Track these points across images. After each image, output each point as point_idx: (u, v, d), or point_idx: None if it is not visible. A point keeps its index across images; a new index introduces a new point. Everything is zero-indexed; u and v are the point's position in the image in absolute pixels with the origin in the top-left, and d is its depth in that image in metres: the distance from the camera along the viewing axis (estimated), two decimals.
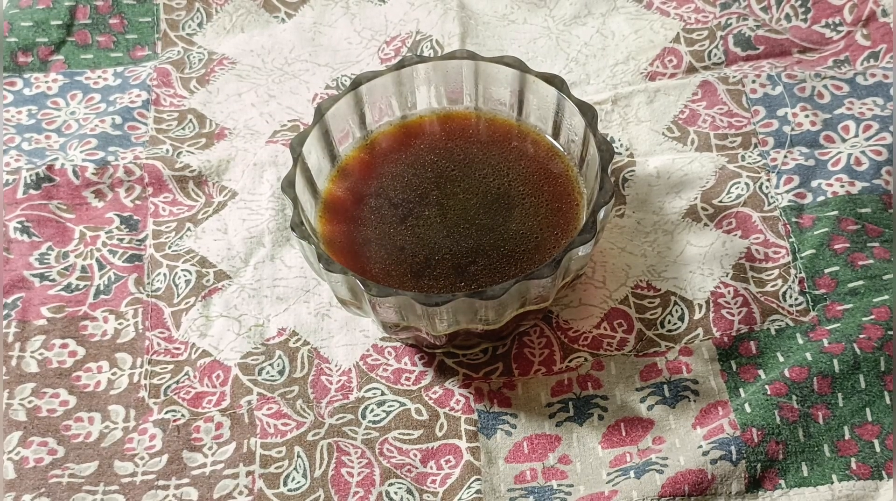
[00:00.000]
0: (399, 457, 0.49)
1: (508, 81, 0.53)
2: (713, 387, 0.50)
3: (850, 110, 0.59)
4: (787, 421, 0.47)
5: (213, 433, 0.50)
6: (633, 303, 0.53)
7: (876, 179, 0.56)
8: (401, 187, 0.52)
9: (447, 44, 0.64)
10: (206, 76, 0.64)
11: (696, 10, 0.65)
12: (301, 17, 0.67)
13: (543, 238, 0.50)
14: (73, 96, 0.63)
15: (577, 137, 0.52)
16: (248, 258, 0.56)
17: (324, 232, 0.51)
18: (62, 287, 0.55)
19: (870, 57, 0.62)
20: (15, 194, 0.58)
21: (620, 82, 0.62)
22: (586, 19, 0.66)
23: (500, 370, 0.52)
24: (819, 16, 0.64)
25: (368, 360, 0.52)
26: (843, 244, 0.54)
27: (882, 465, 0.47)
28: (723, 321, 0.52)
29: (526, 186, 0.52)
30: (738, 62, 0.63)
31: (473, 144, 0.54)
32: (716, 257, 0.54)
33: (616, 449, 0.49)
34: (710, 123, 0.60)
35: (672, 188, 0.57)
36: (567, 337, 0.52)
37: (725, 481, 0.46)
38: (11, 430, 0.50)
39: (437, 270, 0.49)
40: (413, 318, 0.47)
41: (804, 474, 0.47)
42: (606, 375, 0.51)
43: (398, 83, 0.54)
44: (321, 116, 0.51)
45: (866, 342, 0.49)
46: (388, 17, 0.67)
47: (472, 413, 0.50)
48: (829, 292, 0.53)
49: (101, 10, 0.66)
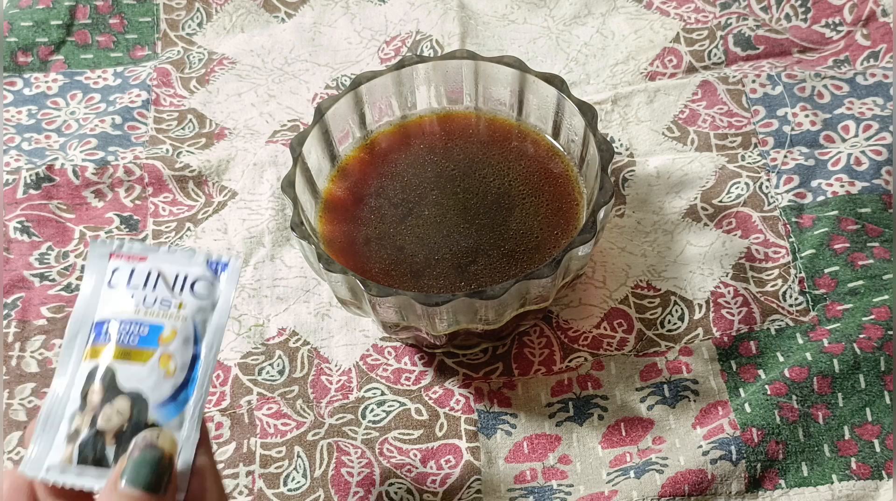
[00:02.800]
0: (399, 457, 0.49)
1: (508, 81, 0.53)
2: (713, 387, 0.50)
3: (850, 110, 0.59)
4: (787, 421, 0.47)
5: (213, 433, 0.50)
6: (633, 303, 0.53)
7: (876, 179, 0.56)
8: (401, 187, 0.52)
9: (447, 44, 0.64)
10: (206, 76, 0.64)
11: (696, 10, 0.65)
12: (301, 17, 0.67)
13: (543, 238, 0.50)
14: (73, 96, 0.63)
15: (577, 137, 0.52)
16: (248, 258, 0.56)
17: (324, 232, 0.51)
18: (62, 287, 0.55)
19: (870, 57, 0.62)
20: (15, 194, 0.58)
21: (620, 82, 0.62)
22: (586, 19, 0.66)
23: (500, 370, 0.52)
24: (819, 16, 0.64)
25: (368, 360, 0.52)
26: (843, 244, 0.54)
27: (882, 465, 0.47)
28: (723, 321, 0.52)
29: (526, 186, 0.52)
30: (738, 62, 0.63)
31: (473, 144, 0.54)
32: (716, 256, 0.54)
33: (616, 449, 0.49)
34: (710, 123, 0.60)
35: (672, 188, 0.57)
36: (567, 337, 0.52)
37: (725, 481, 0.46)
38: (11, 430, 0.50)
39: (437, 270, 0.49)
40: (413, 318, 0.47)
41: (804, 474, 0.47)
42: (606, 375, 0.51)
43: (398, 83, 0.54)
44: (321, 116, 0.51)
45: (866, 342, 0.49)
46: (388, 17, 0.67)
47: (472, 413, 0.50)
48: (829, 292, 0.53)
49: (101, 10, 0.66)
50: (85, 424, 0.37)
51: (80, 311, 0.39)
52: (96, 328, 0.39)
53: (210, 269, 0.40)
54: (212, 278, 0.40)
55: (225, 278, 0.40)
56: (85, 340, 0.39)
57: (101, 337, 0.38)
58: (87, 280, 0.40)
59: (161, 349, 0.38)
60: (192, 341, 0.39)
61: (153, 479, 0.35)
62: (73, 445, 0.37)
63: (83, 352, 0.38)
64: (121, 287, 0.39)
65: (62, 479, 0.37)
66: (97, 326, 0.39)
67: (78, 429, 0.37)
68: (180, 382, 0.38)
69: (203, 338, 0.39)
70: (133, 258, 0.40)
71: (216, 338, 0.39)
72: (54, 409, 0.38)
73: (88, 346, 0.38)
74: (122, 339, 0.38)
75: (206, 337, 0.39)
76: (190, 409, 0.38)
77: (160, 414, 0.38)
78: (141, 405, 0.38)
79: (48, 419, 0.37)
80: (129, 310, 0.39)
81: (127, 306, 0.39)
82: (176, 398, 0.38)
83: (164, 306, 0.39)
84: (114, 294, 0.39)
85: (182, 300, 0.39)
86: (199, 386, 0.38)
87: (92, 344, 0.38)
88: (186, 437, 0.37)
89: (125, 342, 0.38)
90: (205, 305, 0.39)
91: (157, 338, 0.38)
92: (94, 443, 0.37)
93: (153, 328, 0.39)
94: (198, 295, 0.39)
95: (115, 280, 0.39)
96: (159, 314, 0.39)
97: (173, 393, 0.38)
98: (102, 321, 0.39)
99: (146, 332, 0.38)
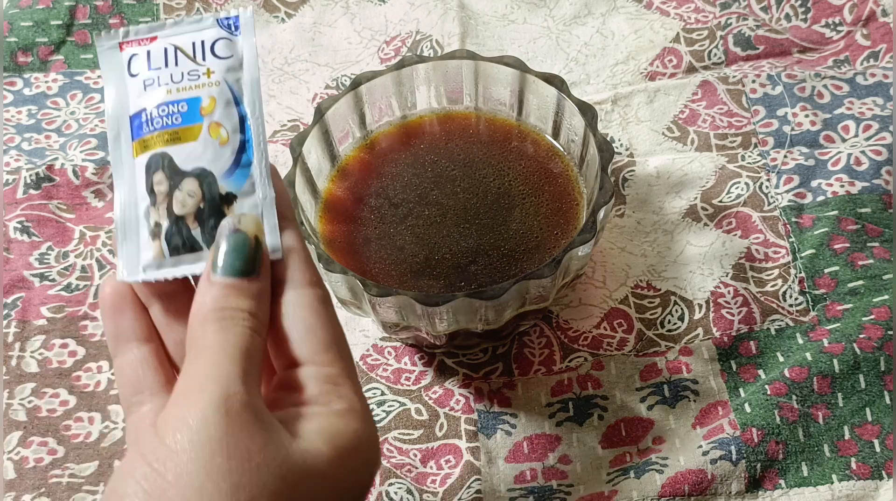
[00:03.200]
0: (399, 457, 0.49)
1: (508, 81, 0.53)
2: (713, 387, 0.50)
3: (850, 110, 0.59)
4: (787, 421, 0.47)
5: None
6: (633, 303, 0.53)
7: (876, 179, 0.56)
8: (401, 187, 0.52)
9: (447, 44, 0.64)
10: None
11: (696, 10, 0.65)
12: (301, 17, 0.67)
13: (543, 238, 0.50)
14: (73, 96, 0.63)
15: (577, 137, 0.52)
16: None
17: (324, 232, 0.51)
18: (62, 287, 0.55)
19: (870, 57, 0.62)
20: (15, 194, 0.58)
21: (620, 82, 0.62)
22: (586, 19, 0.66)
23: (500, 370, 0.52)
24: (819, 16, 0.64)
25: (368, 360, 0.52)
26: (843, 244, 0.54)
27: (882, 465, 0.47)
28: (723, 321, 0.52)
29: (526, 186, 0.52)
30: (738, 62, 0.63)
31: (473, 144, 0.54)
32: (716, 256, 0.54)
33: (616, 449, 0.49)
34: (710, 123, 0.60)
35: (672, 188, 0.57)
36: (567, 337, 0.52)
37: (725, 481, 0.46)
38: (11, 430, 0.50)
39: (437, 270, 0.49)
40: (413, 318, 0.47)
41: (804, 474, 0.47)
42: (606, 375, 0.51)
43: (398, 83, 0.54)
44: (321, 116, 0.51)
45: (866, 342, 0.49)
46: (388, 17, 0.67)
47: (472, 413, 0.50)
48: (829, 292, 0.53)
49: (101, 10, 0.66)
50: (162, 216, 0.36)
51: (114, 111, 0.38)
52: (135, 122, 0.37)
53: (224, 28, 0.38)
54: (229, 36, 0.39)
55: (242, 32, 0.38)
56: (129, 136, 0.37)
57: (145, 128, 0.37)
58: (107, 78, 0.38)
59: (206, 120, 0.37)
60: (233, 102, 0.38)
61: (244, 264, 0.35)
62: (159, 239, 0.36)
63: (131, 149, 0.37)
64: (143, 73, 0.38)
65: (161, 274, 0.36)
66: (134, 118, 0.37)
67: (158, 223, 0.36)
68: (238, 145, 0.37)
69: (243, 97, 0.38)
70: (144, 42, 0.38)
71: (255, 93, 0.38)
72: (127, 213, 0.37)
73: (135, 141, 0.37)
74: (165, 123, 0.37)
75: (246, 95, 0.38)
76: (256, 170, 0.37)
77: (230, 184, 0.37)
78: (209, 179, 0.37)
79: (125, 226, 0.37)
80: (161, 93, 0.37)
81: (157, 89, 0.37)
82: (239, 163, 0.37)
83: (193, 78, 0.38)
84: (139, 82, 0.38)
85: (208, 66, 0.38)
86: (257, 145, 0.37)
87: (137, 139, 0.37)
88: (263, 197, 0.37)
89: (169, 124, 0.37)
90: (232, 64, 0.38)
91: (199, 111, 0.37)
92: (179, 230, 0.36)
93: (190, 102, 0.37)
94: (221, 56, 0.38)
95: (135, 68, 0.38)
96: (191, 87, 0.38)
97: (235, 159, 0.37)
98: (138, 112, 0.37)
99: (185, 108, 0.37)
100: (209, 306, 0.34)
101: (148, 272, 0.36)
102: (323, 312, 0.36)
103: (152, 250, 0.36)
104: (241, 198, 0.37)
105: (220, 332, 0.34)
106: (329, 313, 0.36)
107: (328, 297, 0.37)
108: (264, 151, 0.37)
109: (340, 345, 0.36)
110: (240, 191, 0.37)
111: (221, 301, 0.34)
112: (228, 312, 0.34)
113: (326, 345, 0.35)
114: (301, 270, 0.36)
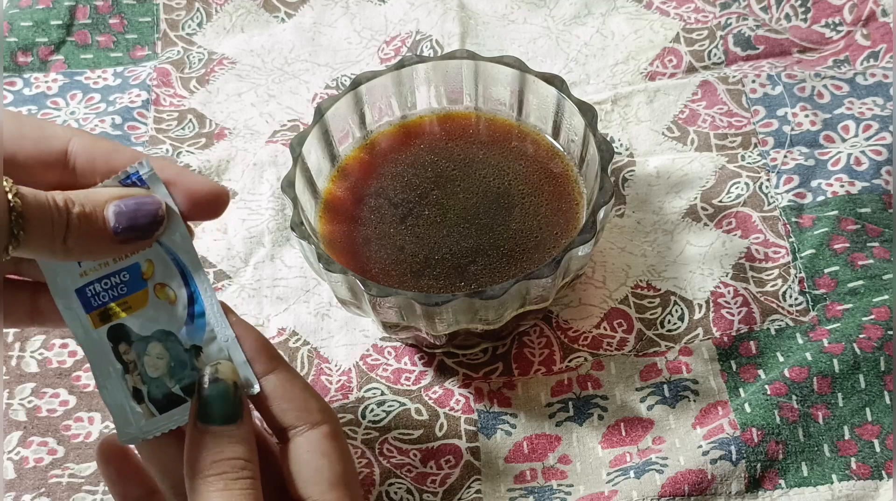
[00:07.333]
0: (399, 457, 0.49)
1: (508, 81, 0.53)
2: (713, 387, 0.50)
3: (849, 110, 0.59)
4: (787, 421, 0.47)
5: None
6: (632, 303, 0.53)
7: (876, 179, 0.56)
8: (401, 187, 0.52)
9: (447, 44, 0.64)
10: (205, 76, 0.64)
11: (696, 10, 0.65)
12: (301, 17, 0.67)
13: (543, 238, 0.50)
14: (73, 96, 0.63)
15: (577, 136, 0.52)
16: (248, 258, 0.56)
17: (324, 232, 0.51)
18: None
19: (870, 57, 0.62)
20: None
21: (620, 82, 0.62)
22: (586, 19, 0.66)
23: (500, 369, 0.52)
24: (819, 16, 0.64)
25: (368, 360, 0.52)
26: (843, 244, 0.54)
27: (882, 465, 0.47)
28: (723, 321, 0.52)
29: (526, 186, 0.52)
30: (738, 62, 0.63)
31: (473, 144, 0.54)
32: (716, 256, 0.54)
33: (616, 449, 0.49)
34: (709, 123, 0.60)
35: (672, 188, 0.57)
36: (567, 337, 0.52)
37: (725, 481, 0.46)
38: (11, 430, 0.50)
39: (437, 270, 0.49)
40: (413, 318, 0.47)
41: (804, 474, 0.47)
42: (606, 375, 0.51)
43: (398, 83, 0.54)
44: (321, 116, 0.51)
45: (866, 342, 0.49)
46: (388, 17, 0.67)
47: (472, 413, 0.50)
48: (829, 291, 0.53)
49: (101, 10, 0.66)
50: (138, 382, 0.38)
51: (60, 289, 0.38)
52: (82, 297, 0.38)
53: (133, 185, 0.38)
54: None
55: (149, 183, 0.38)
56: (82, 310, 0.38)
57: (94, 302, 0.38)
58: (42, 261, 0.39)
59: (150, 283, 0.38)
60: (168, 259, 0.39)
61: (231, 410, 0.36)
62: (144, 402, 0.38)
63: (89, 321, 0.38)
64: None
65: (158, 431, 0.38)
66: (80, 294, 0.38)
67: (137, 388, 0.38)
68: (186, 299, 0.38)
69: (173, 248, 0.39)
70: None
71: (183, 238, 0.38)
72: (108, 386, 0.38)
73: (89, 315, 0.38)
74: (112, 295, 0.38)
75: (175, 244, 0.38)
76: (211, 317, 0.38)
77: (191, 337, 0.38)
78: (171, 339, 0.38)
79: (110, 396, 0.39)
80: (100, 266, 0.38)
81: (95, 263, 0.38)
82: (194, 316, 0.38)
83: None
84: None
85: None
86: (204, 292, 0.39)
87: (90, 312, 0.38)
88: (225, 340, 0.38)
89: (116, 295, 0.38)
90: None
91: (141, 276, 0.38)
92: (159, 389, 0.38)
93: (130, 269, 0.38)
94: None
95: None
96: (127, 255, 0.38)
97: (189, 312, 0.38)
98: (82, 287, 0.38)
99: (128, 277, 0.38)
100: (207, 459, 0.36)
101: (146, 433, 0.39)
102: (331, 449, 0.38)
103: (142, 413, 0.39)
104: (206, 345, 0.39)
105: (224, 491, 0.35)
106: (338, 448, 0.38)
107: (337, 430, 0.38)
108: (212, 295, 0.39)
109: (349, 481, 0.38)
110: (203, 340, 0.38)
111: (217, 453, 0.36)
112: (227, 464, 0.36)
113: (333, 484, 0.37)
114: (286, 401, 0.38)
